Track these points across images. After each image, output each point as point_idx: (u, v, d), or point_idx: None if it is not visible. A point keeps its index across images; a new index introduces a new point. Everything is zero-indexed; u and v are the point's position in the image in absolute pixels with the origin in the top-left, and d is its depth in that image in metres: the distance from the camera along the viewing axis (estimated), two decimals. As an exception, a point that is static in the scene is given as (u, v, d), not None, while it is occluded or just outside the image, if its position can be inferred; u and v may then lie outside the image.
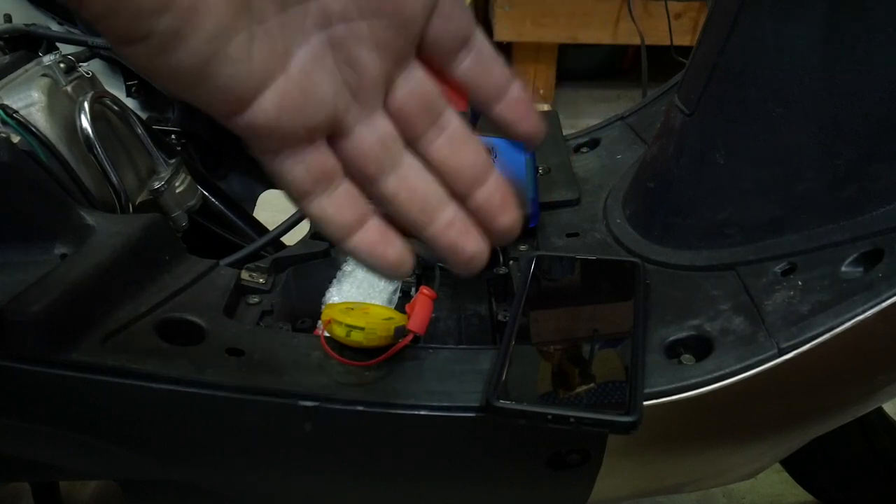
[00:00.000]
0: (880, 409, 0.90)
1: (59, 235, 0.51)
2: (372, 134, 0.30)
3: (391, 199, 0.31)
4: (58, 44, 0.70)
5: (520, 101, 0.31)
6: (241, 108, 0.27)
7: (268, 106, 0.27)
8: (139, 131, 0.67)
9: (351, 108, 0.29)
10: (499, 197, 0.31)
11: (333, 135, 0.29)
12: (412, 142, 0.31)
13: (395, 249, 0.31)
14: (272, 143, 0.29)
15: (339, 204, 0.30)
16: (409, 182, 0.30)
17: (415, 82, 0.30)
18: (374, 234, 0.31)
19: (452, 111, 0.31)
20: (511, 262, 0.61)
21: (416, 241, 0.64)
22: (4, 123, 0.55)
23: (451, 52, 0.30)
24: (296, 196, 0.30)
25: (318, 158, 0.29)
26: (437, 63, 0.30)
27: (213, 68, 0.26)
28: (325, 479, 0.53)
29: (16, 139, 0.54)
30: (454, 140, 0.31)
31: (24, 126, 0.56)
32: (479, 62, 0.30)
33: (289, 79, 0.27)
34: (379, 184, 0.30)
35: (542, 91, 1.93)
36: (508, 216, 0.32)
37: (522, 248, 0.63)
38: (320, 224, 0.31)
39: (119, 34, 0.25)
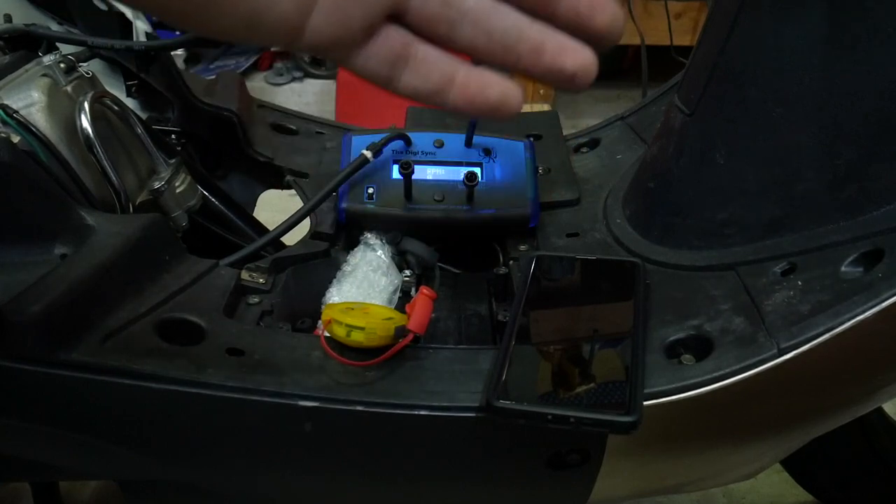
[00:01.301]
0: (880, 409, 0.90)
1: (59, 235, 0.51)
2: None
3: (472, 48, 0.30)
4: (58, 44, 0.70)
5: None
6: (297, 37, 0.28)
7: (320, 24, 0.28)
8: (139, 131, 0.67)
9: None
10: (585, 0, 0.29)
11: (395, 14, 0.29)
12: None
13: (495, 89, 0.30)
14: (338, 52, 0.29)
15: (423, 73, 0.30)
16: (483, 24, 0.29)
17: None
18: (467, 85, 0.30)
19: None
20: (511, 262, 0.61)
21: (414, 242, 0.65)
22: (4, 123, 0.55)
23: None
24: (382, 84, 0.30)
25: (386, 45, 0.29)
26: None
27: (259, 15, 0.27)
28: (325, 479, 0.53)
29: (16, 139, 0.54)
30: None
31: (24, 126, 0.56)
32: None
33: None
34: (455, 38, 0.30)
35: (542, 91, 1.93)
36: (603, 14, 0.29)
37: (522, 248, 0.63)
38: (414, 98, 0.31)
39: (159, 9, 0.26)
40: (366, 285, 0.59)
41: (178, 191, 0.67)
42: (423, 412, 0.46)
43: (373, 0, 0.28)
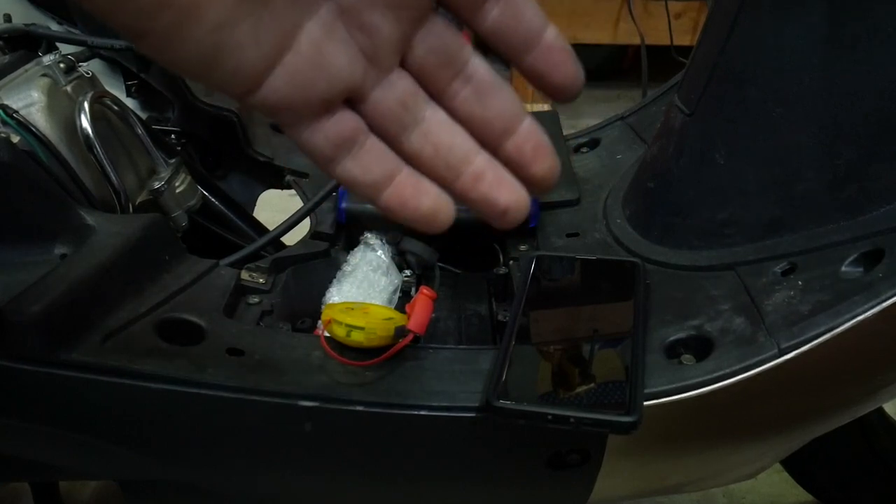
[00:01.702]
0: (880, 409, 0.90)
1: (59, 235, 0.51)
2: (390, 95, 0.29)
3: (416, 157, 0.30)
4: (58, 44, 0.70)
5: (553, 48, 0.29)
6: (252, 89, 0.27)
7: (278, 84, 0.27)
8: (139, 131, 0.67)
9: (367, 73, 0.28)
10: (531, 145, 0.30)
11: (352, 99, 0.29)
12: (436, 96, 0.30)
13: (429, 199, 0.30)
14: (288, 117, 0.29)
15: (365, 164, 0.30)
16: (433, 137, 0.30)
17: (434, 36, 0.29)
18: (404, 188, 0.30)
19: (478, 59, 0.30)
20: (511, 262, 0.61)
21: (414, 241, 0.64)
22: (4, 123, 0.55)
23: (476, 3, 0.28)
24: (320, 163, 0.30)
25: (338, 125, 0.29)
26: (461, 16, 0.29)
27: (219, 57, 0.26)
28: (325, 479, 0.53)
29: (16, 139, 0.54)
30: (480, 90, 0.30)
31: (24, 126, 0.56)
32: (507, 10, 0.28)
33: (298, 55, 0.27)
34: (402, 142, 0.30)
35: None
36: (542, 164, 0.30)
37: (522, 248, 0.63)
38: (349, 186, 0.30)
39: (123, 29, 0.25)
40: (366, 285, 0.59)
41: (178, 191, 0.67)
42: (423, 412, 0.46)
43: (339, 76, 0.28)
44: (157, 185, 0.65)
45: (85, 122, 0.59)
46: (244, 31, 0.26)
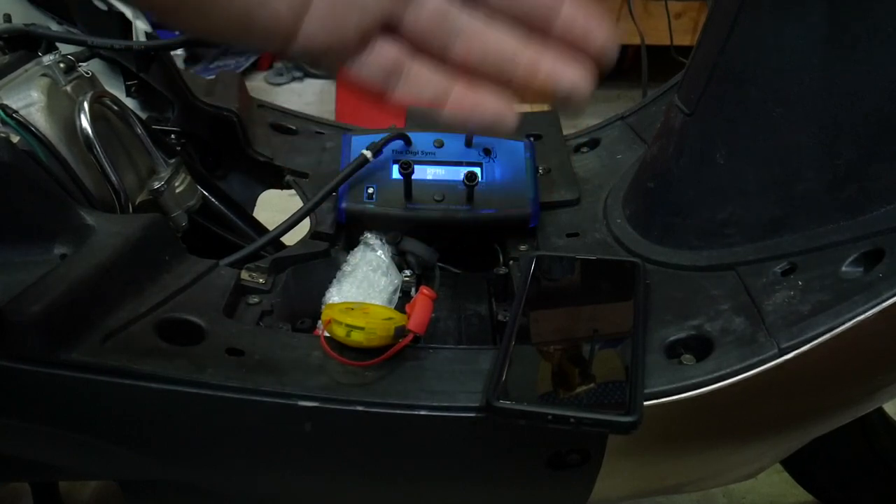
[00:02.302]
0: (880, 409, 0.90)
1: (59, 235, 0.51)
2: (423, 12, 0.29)
3: (469, 60, 0.30)
4: (57, 44, 0.70)
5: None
6: (290, 41, 0.28)
7: (313, 30, 0.28)
8: (139, 131, 0.67)
9: None
10: (581, 18, 0.30)
11: (388, 27, 0.29)
12: (471, 1, 0.30)
13: (491, 104, 0.30)
14: (331, 59, 0.29)
15: (417, 85, 0.30)
16: (477, 41, 0.30)
17: None
18: (463, 98, 0.30)
19: None
20: (511, 262, 0.61)
21: (414, 242, 0.65)
22: (4, 123, 0.55)
23: None
24: (376, 94, 0.30)
25: (380, 56, 0.29)
26: None
27: (251, 17, 0.26)
28: (324, 479, 0.53)
29: (16, 139, 0.54)
30: None
31: (23, 126, 0.56)
32: None
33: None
34: (449, 53, 0.30)
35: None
36: (598, 33, 0.30)
37: (522, 248, 0.63)
38: (410, 111, 0.31)
39: (155, 8, 0.26)
40: (366, 285, 0.59)
41: (177, 191, 0.67)
42: (423, 412, 0.46)
43: (368, 8, 0.28)
44: (157, 185, 0.65)
45: (85, 122, 0.59)
46: None
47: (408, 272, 0.62)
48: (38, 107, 0.58)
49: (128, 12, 0.73)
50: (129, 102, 0.78)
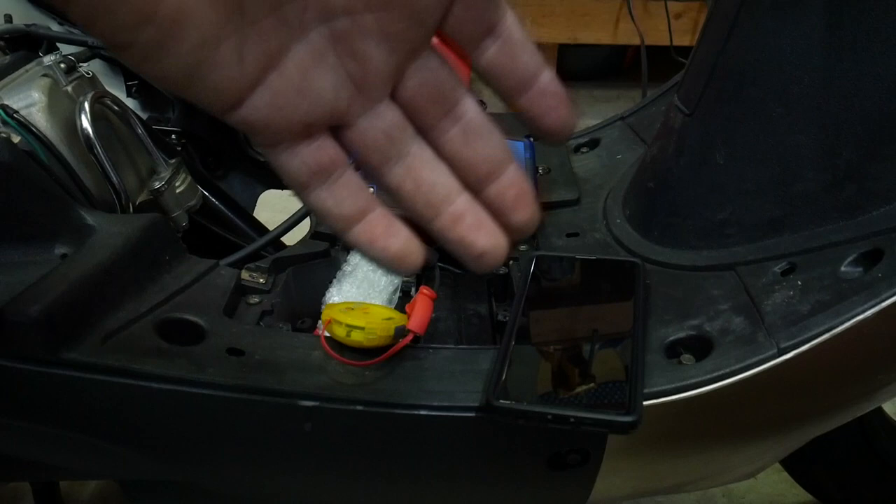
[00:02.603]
0: (880, 409, 0.90)
1: (59, 235, 0.51)
2: (376, 125, 0.28)
3: (396, 190, 0.29)
4: (58, 44, 0.70)
5: (547, 92, 0.29)
6: (233, 107, 0.27)
7: (260, 104, 0.27)
8: (139, 131, 0.67)
9: (354, 101, 0.28)
10: (513, 192, 0.30)
11: (336, 125, 0.28)
12: (424, 132, 0.29)
13: (398, 241, 0.30)
14: (267, 138, 0.28)
15: (339, 196, 0.29)
16: (415, 173, 0.29)
17: (428, 71, 0.28)
18: (375, 226, 0.30)
19: (471, 100, 0.29)
20: (511, 262, 0.61)
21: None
22: (5, 123, 0.55)
23: (473, 41, 0.28)
24: (294, 187, 0.29)
25: (316, 152, 0.28)
26: (457, 50, 0.29)
27: (201, 73, 0.25)
28: (325, 478, 0.53)
29: (16, 139, 0.54)
30: (469, 131, 0.29)
31: (24, 126, 0.56)
32: (504, 51, 0.28)
33: (283, 77, 0.26)
34: (384, 174, 0.29)
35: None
36: (522, 212, 0.30)
37: (522, 248, 0.63)
38: (320, 215, 0.30)
39: (104, 41, 0.25)
40: (366, 285, 0.59)
41: (178, 191, 0.67)
42: (423, 412, 0.46)
43: (321, 101, 0.27)
44: (157, 185, 0.65)
45: (85, 123, 0.59)
46: (228, 49, 0.25)
47: (408, 272, 0.62)
48: (38, 107, 0.58)
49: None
50: (130, 103, 0.78)
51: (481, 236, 0.30)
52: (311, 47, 0.26)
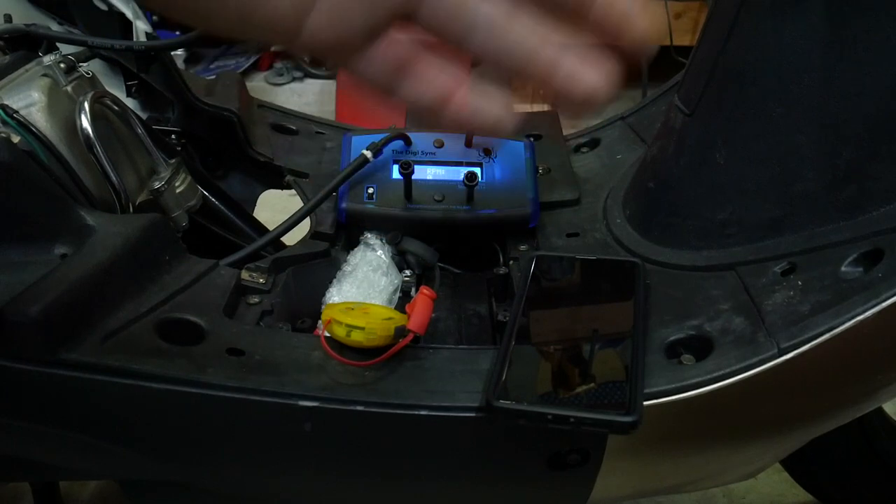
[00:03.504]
0: (880, 409, 0.90)
1: (59, 235, 0.51)
2: (441, 4, 0.27)
3: (486, 55, 0.28)
4: (58, 44, 0.70)
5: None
6: (294, 36, 0.27)
7: (318, 26, 0.27)
8: (139, 131, 0.67)
9: None
10: (616, 11, 0.28)
11: (405, 16, 0.28)
12: None
13: (490, 114, 0.29)
14: (337, 55, 0.28)
15: (422, 86, 0.29)
16: (494, 36, 0.28)
17: None
18: (465, 104, 0.29)
19: None
20: (511, 262, 0.61)
21: (414, 242, 0.65)
22: (4, 123, 0.55)
23: None
24: (379, 90, 0.29)
25: (388, 53, 0.28)
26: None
27: (251, 12, 0.25)
28: (324, 478, 0.53)
29: (16, 139, 0.54)
30: None
31: (24, 126, 0.56)
32: None
33: None
34: (468, 43, 0.28)
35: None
36: (635, 25, 0.28)
37: (522, 248, 0.63)
38: (415, 106, 0.30)
39: (154, 2, 0.25)
40: (366, 285, 0.59)
41: (178, 191, 0.67)
42: (423, 412, 0.46)
43: (379, 3, 0.27)
44: (157, 185, 0.65)
45: (85, 122, 0.59)
46: None
47: (408, 272, 0.62)
48: (38, 107, 0.58)
49: (128, 12, 0.73)
50: (130, 103, 0.78)
51: (585, 77, 0.28)
52: None
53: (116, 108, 0.66)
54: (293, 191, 0.72)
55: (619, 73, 0.28)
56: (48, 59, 0.62)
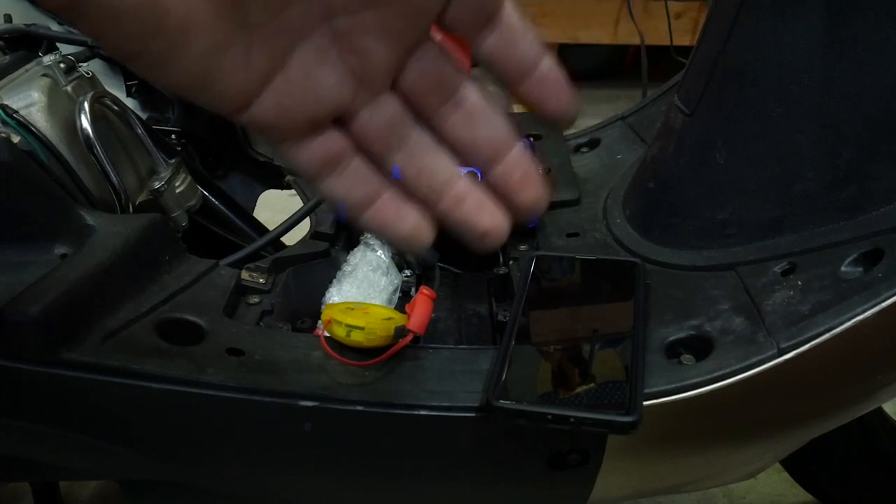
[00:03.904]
0: (880, 409, 0.90)
1: (59, 235, 0.51)
2: (378, 116, 0.29)
3: (405, 172, 0.30)
4: (58, 44, 0.70)
5: (547, 79, 0.30)
6: (242, 109, 0.28)
7: (267, 105, 0.27)
8: (139, 131, 0.67)
9: (356, 95, 0.29)
10: (518, 173, 0.31)
11: (339, 119, 0.29)
12: (426, 119, 0.30)
13: (409, 222, 0.31)
14: (275, 135, 0.29)
15: (348, 183, 0.30)
16: (417, 159, 0.30)
17: (427, 61, 0.29)
18: (386, 209, 0.31)
19: (470, 86, 0.30)
20: (511, 262, 0.61)
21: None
22: (4, 123, 0.55)
23: (472, 31, 0.29)
24: (306, 178, 0.31)
25: (324, 145, 0.29)
26: (457, 38, 0.29)
27: (209, 80, 0.26)
28: (324, 478, 0.53)
29: (16, 139, 0.54)
30: (470, 116, 0.30)
31: (24, 126, 0.56)
32: (503, 39, 0.29)
33: (288, 77, 0.27)
34: (387, 162, 0.30)
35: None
36: (529, 192, 0.31)
37: (522, 248, 0.63)
38: (333, 201, 0.31)
39: (113, 52, 0.25)
40: (366, 285, 0.59)
41: (178, 191, 0.67)
42: (423, 412, 0.46)
43: (326, 98, 0.28)
44: (157, 185, 0.65)
45: (85, 122, 0.59)
46: (234, 55, 0.26)
47: (408, 272, 0.62)
48: (38, 107, 0.58)
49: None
50: (130, 103, 0.78)
51: (484, 216, 0.31)
52: (314, 47, 0.27)
53: (116, 108, 0.66)
54: (293, 191, 0.72)
55: (507, 225, 0.31)
56: (48, 59, 0.62)
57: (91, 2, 0.23)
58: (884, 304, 0.43)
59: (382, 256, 0.61)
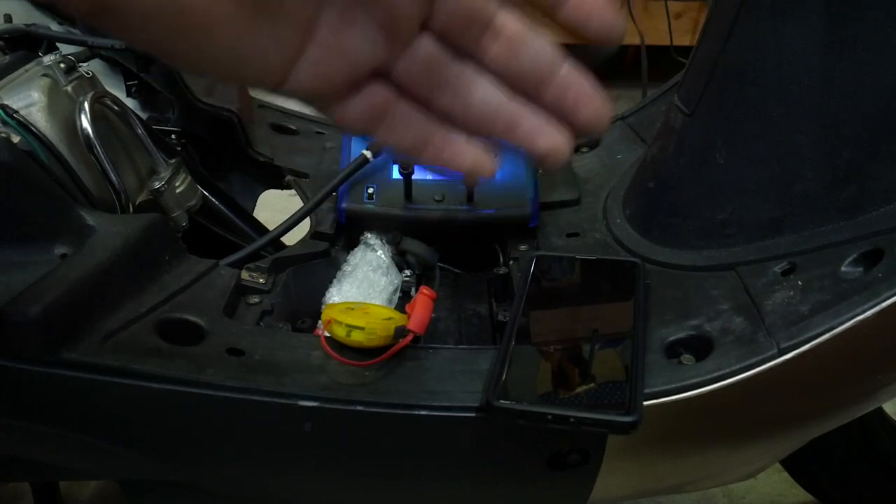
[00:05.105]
0: (880, 409, 0.90)
1: (59, 235, 0.51)
2: (415, 62, 0.30)
3: (453, 111, 0.31)
4: (58, 44, 0.70)
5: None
6: (280, 84, 0.28)
7: (304, 76, 0.28)
8: (139, 131, 0.67)
9: (389, 48, 0.29)
10: (573, 91, 0.30)
11: (378, 71, 0.30)
12: (467, 54, 0.30)
13: (469, 155, 0.31)
14: (319, 102, 0.30)
15: (400, 129, 0.31)
16: (461, 95, 0.30)
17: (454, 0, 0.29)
18: (443, 147, 0.31)
19: (506, 13, 0.30)
20: (511, 262, 0.61)
21: (414, 241, 0.64)
22: (5, 123, 0.55)
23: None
24: (358, 134, 0.31)
25: (367, 99, 0.30)
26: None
27: (242, 64, 0.27)
28: (324, 478, 0.53)
29: (16, 139, 0.54)
30: (511, 43, 0.30)
31: (24, 126, 0.56)
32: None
33: (318, 46, 0.28)
34: (433, 103, 0.30)
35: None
36: (587, 109, 0.30)
37: (522, 248, 0.63)
38: (392, 148, 0.32)
39: (148, 51, 0.26)
40: (366, 285, 0.59)
41: (178, 191, 0.67)
42: (423, 412, 0.46)
43: (358, 58, 0.28)
44: (157, 185, 0.65)
45: (85, 122, 0.59)
46: (263, 37, 0.26)
47: (408, 272, 0.62)
48: (38, 107, 0.58)
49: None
50: (130, 102, 0.78)
51: (540, 139, 0.30)
52: (338, 10, 0.28)
53: (116, 108, 0.66)
54: (293, 191, 0.72)
55: (567, 143, 0.30)
56: (48, 59, 0.62)
57: (114, 6, 0.24)
58: (884, 304, 0.43)
59: (382, 256, 0.61)
